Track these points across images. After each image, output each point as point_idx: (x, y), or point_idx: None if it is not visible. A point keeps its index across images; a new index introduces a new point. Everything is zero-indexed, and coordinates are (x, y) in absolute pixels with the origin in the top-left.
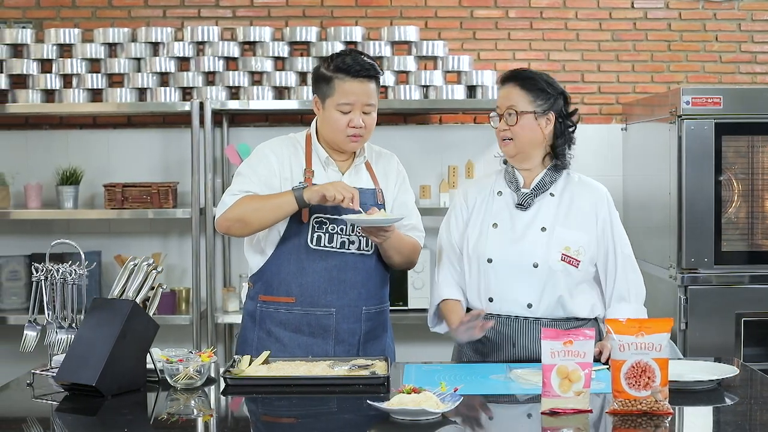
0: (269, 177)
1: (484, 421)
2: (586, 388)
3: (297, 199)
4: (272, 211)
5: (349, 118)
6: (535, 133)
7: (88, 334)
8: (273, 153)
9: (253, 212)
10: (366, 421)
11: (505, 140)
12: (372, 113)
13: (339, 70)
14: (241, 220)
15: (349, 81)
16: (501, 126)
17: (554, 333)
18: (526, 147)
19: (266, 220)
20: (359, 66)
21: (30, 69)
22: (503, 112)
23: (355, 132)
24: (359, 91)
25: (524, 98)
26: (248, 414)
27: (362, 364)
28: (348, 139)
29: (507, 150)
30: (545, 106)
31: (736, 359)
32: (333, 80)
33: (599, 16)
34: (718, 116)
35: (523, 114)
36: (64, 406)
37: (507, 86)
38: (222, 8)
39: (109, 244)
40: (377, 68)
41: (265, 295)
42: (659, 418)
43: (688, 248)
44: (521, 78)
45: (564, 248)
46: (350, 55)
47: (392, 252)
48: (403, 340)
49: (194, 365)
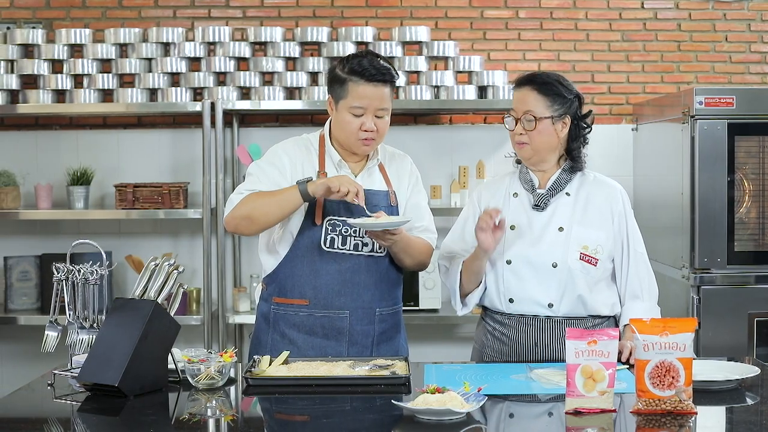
0: (279, 178)
1: (508, 420)
2: (610, 387)
3: (302, 193)
4: (278, 206)
5: (361, 122)
6: (551, 137)
7: (109, 335)
8: (286, 154)
9: (260, 208)
10: (391, 421)
11: (520, 144)
12: (385, 117)
13: (353, 72)
14: (248, 218)
15: (363, 85)
16: (517, 130)
17: (579, 333)
18: (543, 151)
19: (273, 215)
20: (374, 70)
21: (41, 69)
22: (520, 116)
23: (366, 136)
24: (373, 95)
25: (542, 103)
26: (270, 414)
27: (382, 364)
28: (359, 143)
29: (523, 153)
30: (561, 111)
31: (748, 358)
32: (347, 82)
33: (609, 17)
34: (730, 116)
35: (541, 120)
36: (86, 407)
37: (524, 89)
38: (232, 8)
39: (120, 245)
40: (393, 72)
41: (278, 297)
42: (683, 418)
43: (701, 248)
44: (539, 83)
45: (582, 248)
46: (366, 58)
47: (402, 255)
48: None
49: (216, 365)
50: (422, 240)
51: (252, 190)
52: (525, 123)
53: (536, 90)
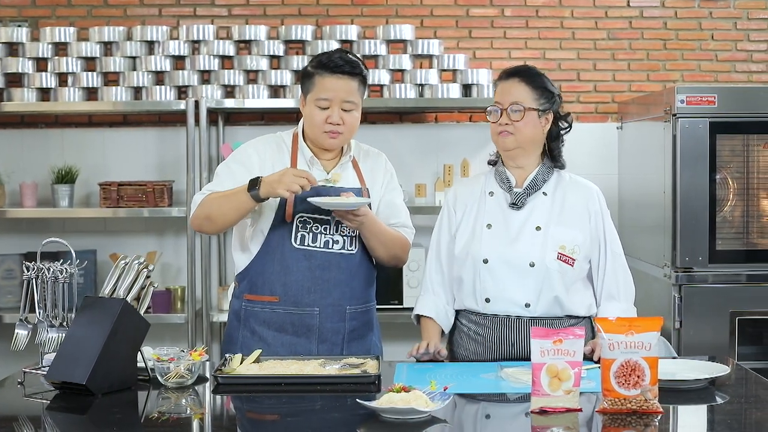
0: (246, 176)
1: (474, 419)
2: (575, 386)
3: (252, 196)
4: (234, 208)
5: (327, 114)
6: (536, 129)
7: (78, 333)
8: (256, 152)
9: (217, 209)
10: (356, 420)
11: (504, 133)
12: (353, 112)
13: (320, 66)
14: (208, 218)
15: (327, 76)
16: (503, 120)
17: (544, 332)
18: (527, 143)
19: (230, 216)
20: (340, 62)
21: (25, 68)
22: (506, 106)
23: (332, 129)
24: (337, 87)
25: (530, 95)
26: (238, 412)
27: (354, 362)
28: (325, 136)
29: (506, 143)
30: (546, 105)
31: (729, 358)
32: (314, 76)
33: (595, 15)
34: (712, 115)
35: (529, 110)
36: (54, 405)
37: (511, 81)
38: (218, 7)
39: (105, 243)
40: (361, 66)
41: (249, 294)
42: (649, 417)
43: (683, 247)
44: (528, 75)
45: (560, 247)
46: (336, 53)
47: (375, 243)
48: (398, 338)
49: (185, 364)
50: (398, 232)
51: (213, 190)
52: (511, 113)
53: (524, 82)
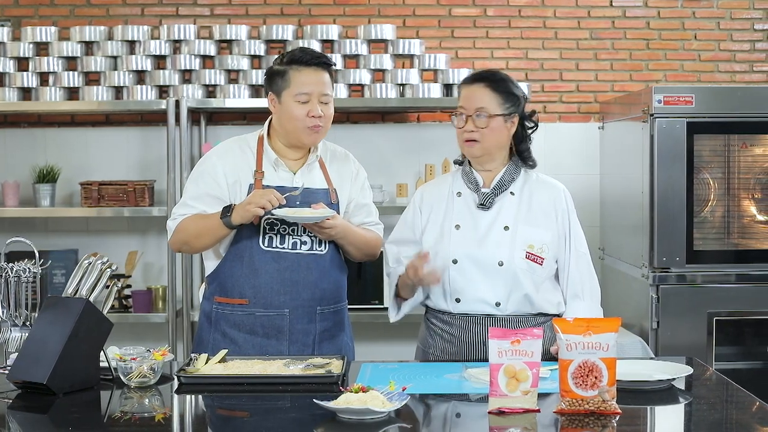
0: (213, 187)
1: (432, 419)
2: (533, 387)
3: (226, 225)
4: (210, 236)
5: (308, 109)
6: (502, 135)
7: (40, 333)
8: (220, 159)
9: (194, 236)
10: (313, 420)
11: (470, 141)
12: (329, 104)
13: (293, 61)
14: (186, 244)
15: (304, 70)
16: (468, 127)
17: (502, 332)
18: (493, 149)
19: (207, 241)
20: (312, 55)
21: (6, 67)
22: (471, 113)
23: (315, 123)
24: (315, 80)
25: (495, 100)
26: (199, 412)
27: (318, 363)
28: (309, 131)
29: (472, 151)
30: (512, 109)
31: (695, 359)
32: (288, 72)
33: (578, 15)
34: (690, 115)
35: (494, 117)
36: (16, 404)
37: (476, 86)
38: (200, 6)
39: (87, 243)
40: (329, 58)
41: (219, 296)
42: (606, 418)
43: (660, 247)
44: (494, 80)
45: (528, 246)
46: (301, 49)
47: (347, 246)
48: (378, 338)
49: (148, 363)
50: (371, 232)
51: (184, 215)
52: (477, 120)
53: (489, 87)
